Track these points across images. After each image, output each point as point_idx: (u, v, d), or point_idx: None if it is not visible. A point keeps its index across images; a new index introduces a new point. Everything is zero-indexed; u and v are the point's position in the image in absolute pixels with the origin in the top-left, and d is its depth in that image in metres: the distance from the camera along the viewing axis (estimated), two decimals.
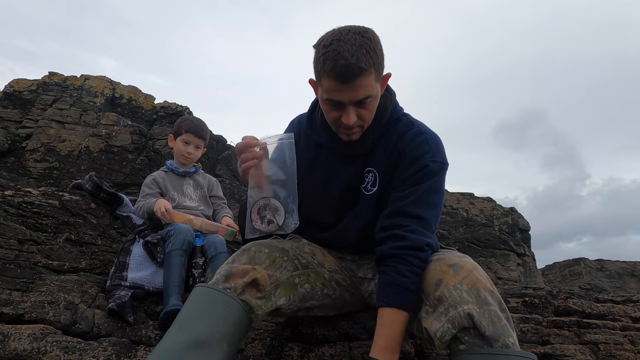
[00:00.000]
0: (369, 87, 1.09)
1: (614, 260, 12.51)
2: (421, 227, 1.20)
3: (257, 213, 1.17)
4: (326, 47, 1.07)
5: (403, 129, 1.29)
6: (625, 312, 1.90)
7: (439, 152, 1.26)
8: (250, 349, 1.50)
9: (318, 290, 1.31)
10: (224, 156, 6.27)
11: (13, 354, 1.28)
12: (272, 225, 1.18)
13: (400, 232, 1.19)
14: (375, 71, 1.09)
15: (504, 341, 0.99)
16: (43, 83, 6.08)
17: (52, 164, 5.11)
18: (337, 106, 1.14)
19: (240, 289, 1.14)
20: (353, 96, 1.10)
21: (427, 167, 1.22)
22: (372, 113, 1.19)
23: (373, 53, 1.07)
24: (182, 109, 6.40)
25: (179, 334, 1.04)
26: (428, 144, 1.25)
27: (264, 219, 1.18)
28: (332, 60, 1.05)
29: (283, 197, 1.19)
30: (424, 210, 1.21)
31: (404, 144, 1.26)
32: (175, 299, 1.62)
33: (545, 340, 1.73)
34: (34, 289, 1.53)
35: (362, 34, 1.07)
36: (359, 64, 1.04)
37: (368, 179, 1.31)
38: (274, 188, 1.19)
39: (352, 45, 1.04)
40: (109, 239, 2.13)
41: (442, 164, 1.25)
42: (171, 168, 2.25)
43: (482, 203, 9.83)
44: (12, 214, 1.87)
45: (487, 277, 1.10)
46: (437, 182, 1.24)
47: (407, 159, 1.25)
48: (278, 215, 1.18)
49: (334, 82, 1.08)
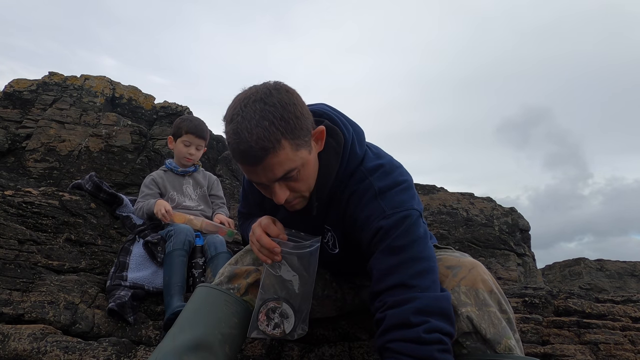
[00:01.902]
0: (285, 162, 0.94)
1: (614, 260, 12.52)
2: (399, 294, 0.94)
3: (264, 314, 1.08)
4: (227, 125, 0.94)
5: (354, 186, 1.09)
6: (625, 312, 1.90)
7: (395, 202, 1.03)
8: (250, 349, 1.50)
9: (319, 290, 1.30)
10: (224, 156, 6.27)
11: (13, 354, 1.28)
12: (277, 330, 1.07)
13: (379, 314, 0.96)
14: (288, 141, 0.92)
15: (506, 343, 0.97)
16: (43, 83, 6.08)
17: (52, 164, 5.10)
18: (262, 185, 1.02)
19: (243, 289, 1.13)
20: (270, 176, 0.96)
21: (380, 229, 1.00)
22: (308, 180, 1.03)
23: (280, 121, 0.90)
24: (182, 108, 6.39)
25: (180, 335, 1.02)
26: (377, 201, 1.04)
27: (271, 322, 1.08)
28: (234, 144, 0.92)
29: (297, 305, 1.09)
30: (396, 276, 0.96)
31: (353, 206, 1.08)
32: (179, 299, 1.61)
33: (545, 340, 1.73)
34: (34, 289, 1.53)
35: (265, 99, 0.92)
36: (260, 144, 0.89)
37: (328, 237, 1.18)
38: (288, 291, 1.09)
39: (251, 121, 0.90)
40: (109, 239, 2.13)
41: (400, 216, 1.01)
42: (170, 167, 2.25)
43: (482, 203, 9.84)
44: (12, 214, 1.87)
45: (488, 273, 1.05)
46: (397, 239, 0.99)
47: (359, 224, 1.06)
48: (287, 322, 1.08)
49: (244, 167, 0.97)
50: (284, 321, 1.07)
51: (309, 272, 1.09)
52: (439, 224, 6.75)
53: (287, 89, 0.97)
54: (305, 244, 1.09)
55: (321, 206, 1.12)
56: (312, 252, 1.09)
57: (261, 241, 1.08)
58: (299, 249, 1.09)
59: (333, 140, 1.08)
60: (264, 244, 1.07)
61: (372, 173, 1.09)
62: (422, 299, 0.92)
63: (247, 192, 1.36)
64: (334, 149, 1.08)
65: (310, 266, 1.09)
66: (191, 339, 1.00)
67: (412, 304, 0.91)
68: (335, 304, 1.39)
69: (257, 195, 1.28)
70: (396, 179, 1.08)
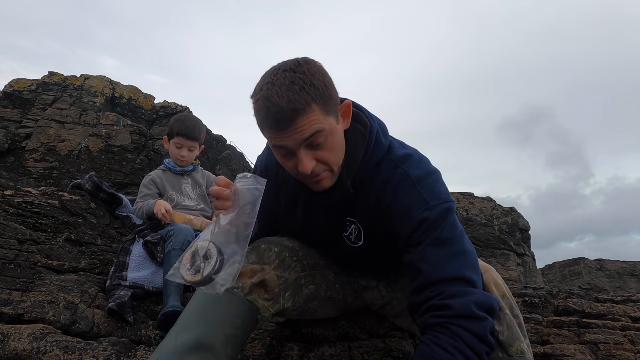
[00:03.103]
0: (314, 123, 0.93)
1: (614, 260, 12.53)
2: (461, 287, 0.94)
3: (190, 255, 0.91)
4: (257, 95, 0.95)
5: (385, 175, 1.06)
6: (625, 312, 1.90)
7: (435, 193, 1.02)
8: (250, 349, 1.50)
9: (322, 292, 1.29)
10: (224, 156, 6.27)
11: (13, 354, 1.28)
12: (197, 276, 0.89)
13: (438, 301, 0.94)
14: (318, 106, 0.93)
15: (518, 347, 0.98)
16: (43, 83, 6.08)
17: (52, 164, 5.11)
18: (288, 154, 0.99)
19: (248, 289, 1.10)
20: (298, 138, 0.94)
21: (425, 221, 0.99)
22: (336, 152, 1.01)
23: (310, 87, 0.92)
24: (182, 108, 6.40)
25: (181, 335, 1.01)
26: (417, 190, 1.02)
27: (194, 264, 0.91)
28: (264, 110, 0.93)
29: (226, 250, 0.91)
30: (450, 268, 0.95)
31: (389, 196, 1.05)
32: (175, 299, 1.61)
33: (545, 340, 1.73)
34: (34, 289, 1.53)
35: (294, 69, 0.94)
36: (291, 105, 0.91)
37: (351, 231, 1.15)
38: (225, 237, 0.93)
39: (282, 87, 0.91)
40: (109, 239, 2.13)
41: (444, 208, 1.00)
42: (169, 167, 2.23)
43: (482, 203, 9.85)
44: (12, 214, 1.87)
45: (500, 278, 1.06)
46: (445, 231, 0.99)
47: (398, 215, 1.03)
48: (208, 265, 0.89)
49: (273, 132, 0.96)
50: (205, 263, 0.90)
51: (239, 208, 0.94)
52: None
53: (316, 63, 0.98)
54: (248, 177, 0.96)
55: (346, 196, 1.09)
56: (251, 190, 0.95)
57: (212, 192, 0.98)
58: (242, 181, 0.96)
59: (360, 125, 1.08)
60: (214, 193, 0.97)
61: (404, 162, 1.07)
62: (478, 294, 0.92)
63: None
64: (361, 132, 1.08)
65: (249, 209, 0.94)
66: (193, 339, 0.99)
67: (471, 297, 0.91)
68: (337, 305, 1.38)
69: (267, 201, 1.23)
70: (429, 169, 1.08)
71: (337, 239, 1.19)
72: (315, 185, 1.05)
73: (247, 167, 6.89)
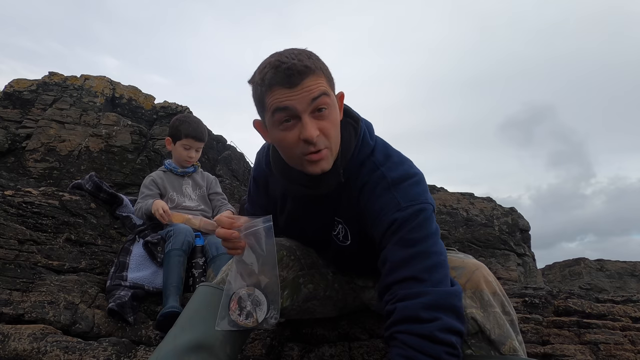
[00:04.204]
0: (322, 85, 0.96)
1: (614, 261, 12.54)
2: (410, 287, 0.92)
3: (236, 302, 1.01)
4: (263, 66, 0.98)
5: (366, 176, 1.08)
6: (625, 312, 1.90)
7: (410, 195, 1.02)
8: (250, 348, 1.50)
9: (320, 291, 1.29)
10: (224, 156, 6.27)
11: (13, 354, 1.28)
12: (250, 320, 1.01)
13: (390, 306, 0.94)
14: (325, 76, 0.98)
15: (510, 344, 0.98)
16: (43, 83, 6.08)
17: (52, 164, 5.11)
18: (292, 120, 0.97)
19: None
20: (306, 97, 0.94)
21: (394, 222, 0.99)
22: (336, 129, 1.02)
23: (317, 59, 0.98)
24: (182, 108, 6.40)
25: (181, 335, 1.01)
26: (391, 192, 1.02)
27: (244, 310, 1.02)
28: (273, 69, 0.94)
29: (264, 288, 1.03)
30: (408, 269, 0.94)
31: (366, 197, 1.06)
32: (174, 300, 1.61)
33: (545, 340, 1.73)
34: (34, 289, 1.53)
35: (300, 49, 0.99)
36: (303, 62, 0.94)
37: (338, 230, 1.17)
38: (251, 275, 1.04)
39: (292, 53, 0.97)
40: (109, 239, 2.13)
41: (415, 209, 0.99)
42: (170, 168, 2.24)
43: (482, 203, 9.85)
44: (12, 214, 1.87)
45: (492, 275, 1.05)
46: (411, 232, 0.97)
47: (372, 217, 1.04)
48: (259, 310, 1.01)
49: (280, 90, 0.95)
50: (256, 309, 1.01)
51: (266, 251, 1.03)
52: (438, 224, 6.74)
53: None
54: (257, 221, 1.04)
55: (332, 196, 1.11)
56: (266, 230, 1.02)
57: (219, 235, 1.04)
58: (253, 227, 1.04)
59: (351, 119, 1.12)
60: (221, 235, 1.03)
61: (383, 164, 1.08)
62: (432, 294, 0.90)
63: (253, 199, 1.36)
64: (352, 126, 1.11)
65: (266, 245, 1.02)
66: (192, 339, 1.00)
67: (422, 298, 0.89)
68: (337, 305, 1.39)
69: (263, 197, 1.30)
70: (408, 171, 1.08)
71: (327, 237, 1.20)
72: (313, 165, 1.01)
73: (247, 167, 6.89)
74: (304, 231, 1.25)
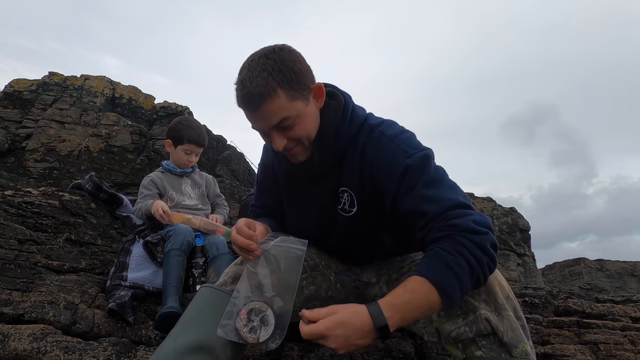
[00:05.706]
0: (281, 110, 1.03)
1: (614, 261, 12.52)
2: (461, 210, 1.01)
3: (246, 313, 1.00)
4: (237, 78, 1.06)
5: (363, 140, 1.15)
6: (625, 312, 1.90)
7: (412, 144, 1.11)
8: (250, 349, 1.50)
9: (322, 292, 1.29)
10: (224, 156, 6.27)
11: (13, 354, 1.28)
12: (252, 335, 0.99)
13: (442, 223, 1.01)
14: (284, 91, 1.02)
15: (523, 348, 0.98)
16: (43, 83, 6.08)
17: (52, 164, 5.11)
18: (264, 134, 1.11)
19: None
20: (267, 123, 1.05)
21: (409, 167, 1.06)
22: (307, 130, 1.10)
23: (277, 73, 1.01)
24: (182, 109, 6.40)
25: (182, 336, 1.01)
26: (394, 143, 1.11)
27: (250, 323, 1.00)
28: (238, 91, 1.05)
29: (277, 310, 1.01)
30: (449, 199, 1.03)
31: (371, 155, 1.13)
32: (173, 300, 1.61)
33: (545, 340, 1.73)
34: (34, 289, 1.53)
35: (268, 55, 1.03)
36: (258, 89, 1.00)
37: (344, 200, 1.20)
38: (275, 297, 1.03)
39: (254, 71, 1.02)
40: (109, 239, 2.13)
41: (423, 154, 1.08)
42: (168, 168, 2.25)
43: (482, 203, 9.84)
44: (12, 214, 1.87)
45: (504, 280, 1.07)
46: (432, 173, 1.07)
47: (382, 170, 1.10)
48: (264, 330, 0.99)
49: (245, 112, 1.08)
50: (262, 327, 1.00)
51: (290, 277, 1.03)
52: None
53: (290, 49, 1.07)
54: (289, 239, 1.05)
55: (334, 166, 1.17)
56: (298, 255, 1.03)
57: (236, 242, 1.09)
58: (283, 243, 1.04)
59: (334, 102, 1.18)
60: (239, 243, 1.08)
61: (379, 125, 1.17)
62: (475, 215, 1.01)
63: (262, 185, 1.40)
64: (334, 107, 1.17)
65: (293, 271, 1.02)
66: (193, 340, 1.00)
67: (470, 217, 0.99)
68: None
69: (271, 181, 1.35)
70: (402, 129, 1.17)
71: (332, 213, 1.23)
72: (291, 158, 1.16)
73: (247, 167, 6.89)
74: (307, 216, 1.27)
